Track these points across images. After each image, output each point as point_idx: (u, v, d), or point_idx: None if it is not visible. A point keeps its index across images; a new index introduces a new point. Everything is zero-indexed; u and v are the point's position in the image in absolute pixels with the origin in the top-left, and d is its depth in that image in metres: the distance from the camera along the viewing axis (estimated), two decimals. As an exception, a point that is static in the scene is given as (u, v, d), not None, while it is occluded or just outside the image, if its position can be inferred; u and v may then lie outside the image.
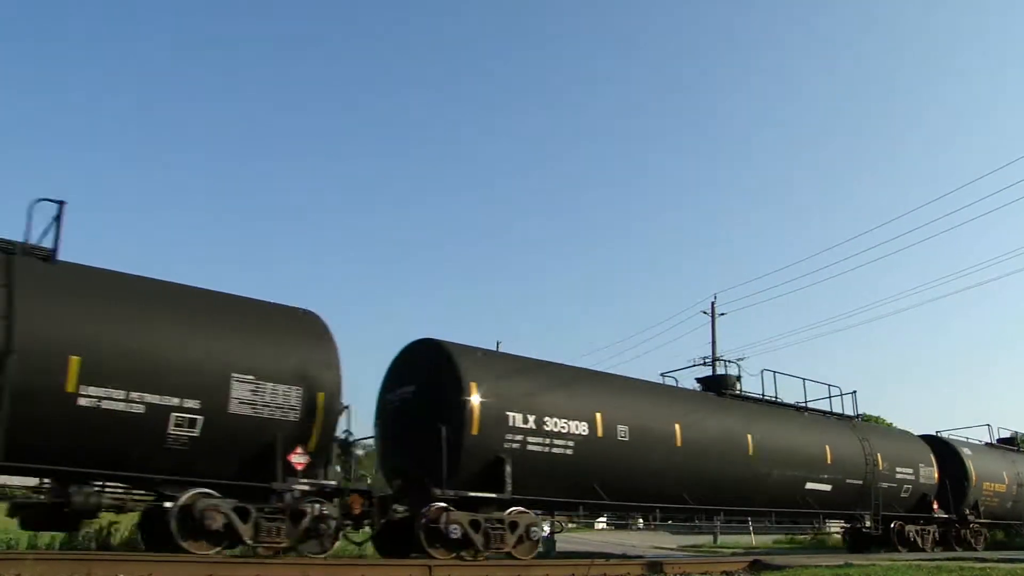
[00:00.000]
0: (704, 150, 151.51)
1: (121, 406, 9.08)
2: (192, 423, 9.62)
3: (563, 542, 24.43)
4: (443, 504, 11.62)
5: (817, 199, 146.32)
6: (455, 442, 11.83)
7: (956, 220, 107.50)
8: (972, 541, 22.00)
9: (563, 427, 13.09)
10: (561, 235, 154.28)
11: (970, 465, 22.35)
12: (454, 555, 11.60)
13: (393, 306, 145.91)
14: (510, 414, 12.51)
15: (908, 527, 20.40)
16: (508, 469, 12.18)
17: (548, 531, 24.46)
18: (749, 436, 16.32)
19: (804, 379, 19.70)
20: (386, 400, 13.38)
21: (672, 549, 26.10)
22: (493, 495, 12.11)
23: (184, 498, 9.50)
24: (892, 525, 19.90)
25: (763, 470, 16.63)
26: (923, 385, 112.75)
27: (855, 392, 20.95)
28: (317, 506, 10.47)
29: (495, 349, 14.00)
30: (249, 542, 9.90)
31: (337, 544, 11.04)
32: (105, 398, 9.07)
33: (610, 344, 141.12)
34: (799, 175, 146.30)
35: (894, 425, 37.06)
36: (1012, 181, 62.18)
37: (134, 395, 9.15)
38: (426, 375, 12.79)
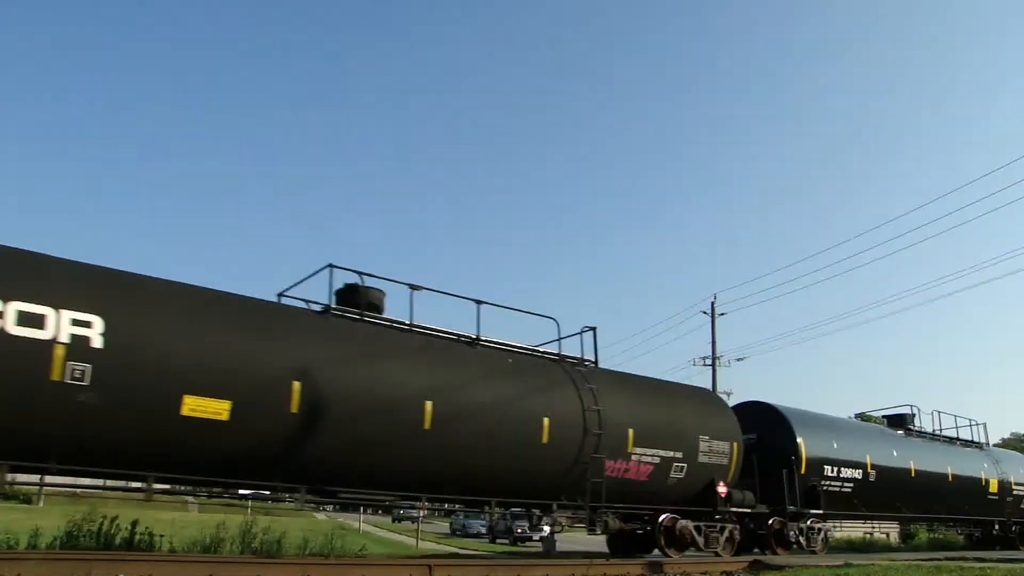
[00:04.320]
0: (705, 152, 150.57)
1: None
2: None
3: (563, 542, 24.06)
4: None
5: (817, 200, 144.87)
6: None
7: (956, 220, 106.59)
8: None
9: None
10: (561, 236, 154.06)
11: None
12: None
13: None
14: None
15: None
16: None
17: (548, 531, 24.16)
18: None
19: None
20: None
21: (671, 549, 25.48)
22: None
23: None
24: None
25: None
26: (925, 384, 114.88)
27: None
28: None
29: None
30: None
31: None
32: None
33: (610, 344, 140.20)
34: (799, 176, 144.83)
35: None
36: (1012, 181, 62.84)
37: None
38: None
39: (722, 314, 39.04)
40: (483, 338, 13.10)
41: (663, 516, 14.58)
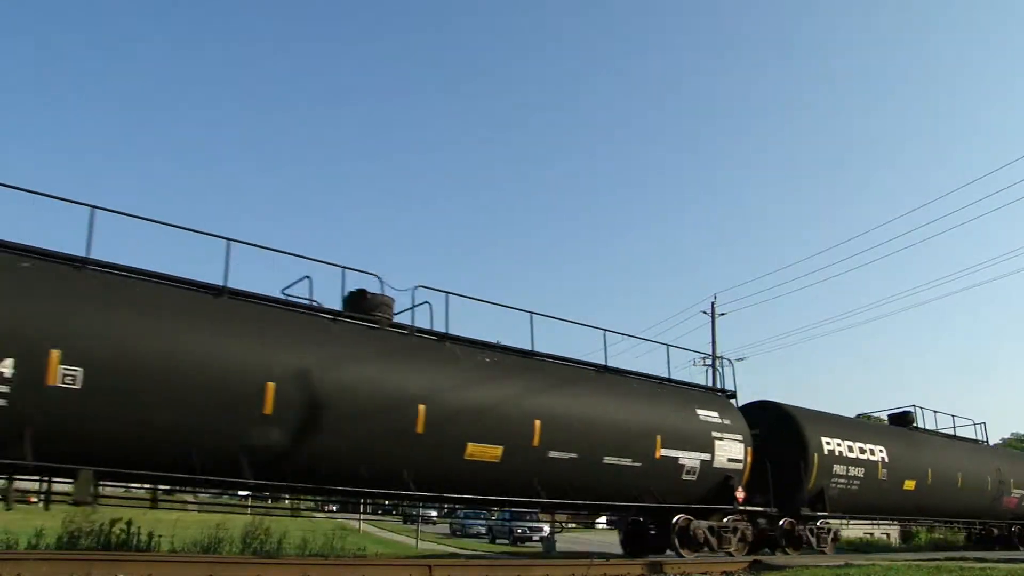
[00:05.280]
0: (705, 153, 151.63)
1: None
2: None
3: (563, 542, 24.96)
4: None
5: (817, 200, 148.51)
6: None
7: (956, 220, 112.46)
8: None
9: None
10: (562, 237, 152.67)
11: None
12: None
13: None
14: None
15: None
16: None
17: (548, 531, 25.76)
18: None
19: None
20: None
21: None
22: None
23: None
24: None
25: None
26: (925, 385, 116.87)
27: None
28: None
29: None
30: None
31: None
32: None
33: (611, 344, 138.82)
34: (799, 176, 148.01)
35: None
36: (1012, 182, 68.41)
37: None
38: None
39: (722, 314, 39.75)
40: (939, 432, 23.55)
41: (1014, 526, 24.74)
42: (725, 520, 15.36)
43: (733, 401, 16.91)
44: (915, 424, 22.53)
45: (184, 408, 9.23)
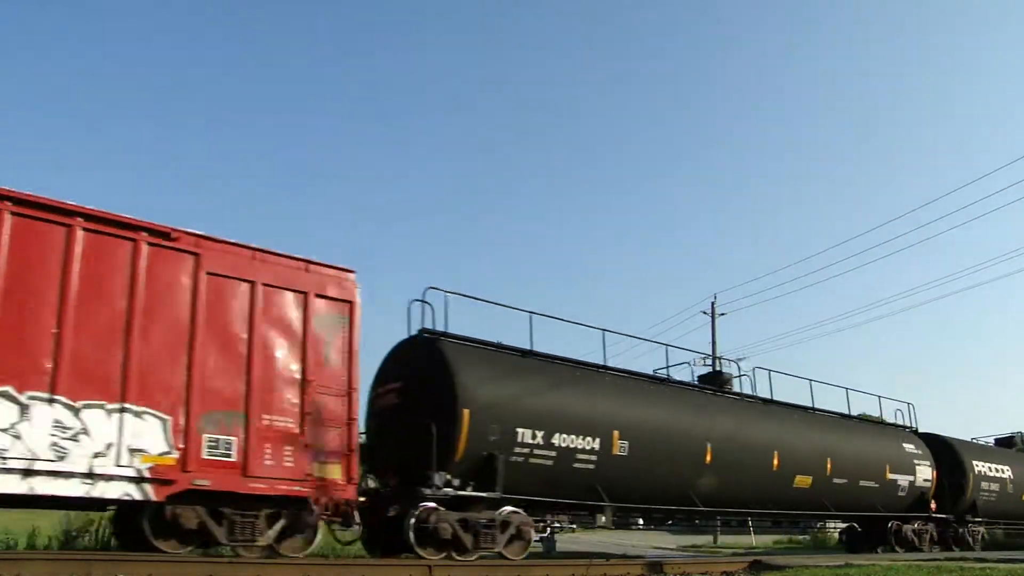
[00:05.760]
0: (703, 150, 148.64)
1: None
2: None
3: (563, 542, 25.07)
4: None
5: (816, 199, 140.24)
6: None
7: (957, 220, 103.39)
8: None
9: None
10: (560, 235, 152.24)
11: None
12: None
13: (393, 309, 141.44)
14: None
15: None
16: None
17: (548, 531, 29.07)
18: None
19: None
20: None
21: (672, 549, 26.18)
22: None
23: None
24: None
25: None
26: (925, 385, 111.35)
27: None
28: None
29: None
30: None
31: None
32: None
33: (610, 344, 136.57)
34: (799, 175, 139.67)
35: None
36: (1013, 181, 63.73)
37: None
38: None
39: (722, 314, 40.00)
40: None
41: None
42: (916, 524, 20.89)
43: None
44: (1018, 447, 28.06)
45: (668, 463, 14.52)
